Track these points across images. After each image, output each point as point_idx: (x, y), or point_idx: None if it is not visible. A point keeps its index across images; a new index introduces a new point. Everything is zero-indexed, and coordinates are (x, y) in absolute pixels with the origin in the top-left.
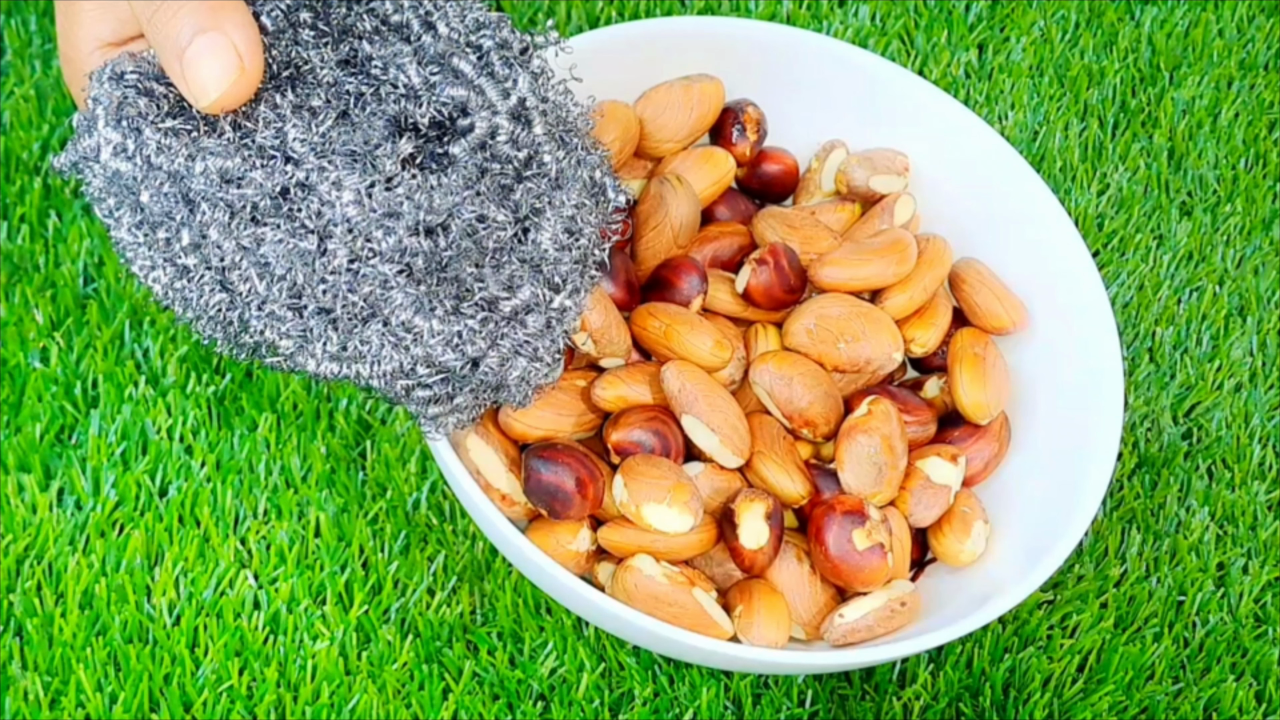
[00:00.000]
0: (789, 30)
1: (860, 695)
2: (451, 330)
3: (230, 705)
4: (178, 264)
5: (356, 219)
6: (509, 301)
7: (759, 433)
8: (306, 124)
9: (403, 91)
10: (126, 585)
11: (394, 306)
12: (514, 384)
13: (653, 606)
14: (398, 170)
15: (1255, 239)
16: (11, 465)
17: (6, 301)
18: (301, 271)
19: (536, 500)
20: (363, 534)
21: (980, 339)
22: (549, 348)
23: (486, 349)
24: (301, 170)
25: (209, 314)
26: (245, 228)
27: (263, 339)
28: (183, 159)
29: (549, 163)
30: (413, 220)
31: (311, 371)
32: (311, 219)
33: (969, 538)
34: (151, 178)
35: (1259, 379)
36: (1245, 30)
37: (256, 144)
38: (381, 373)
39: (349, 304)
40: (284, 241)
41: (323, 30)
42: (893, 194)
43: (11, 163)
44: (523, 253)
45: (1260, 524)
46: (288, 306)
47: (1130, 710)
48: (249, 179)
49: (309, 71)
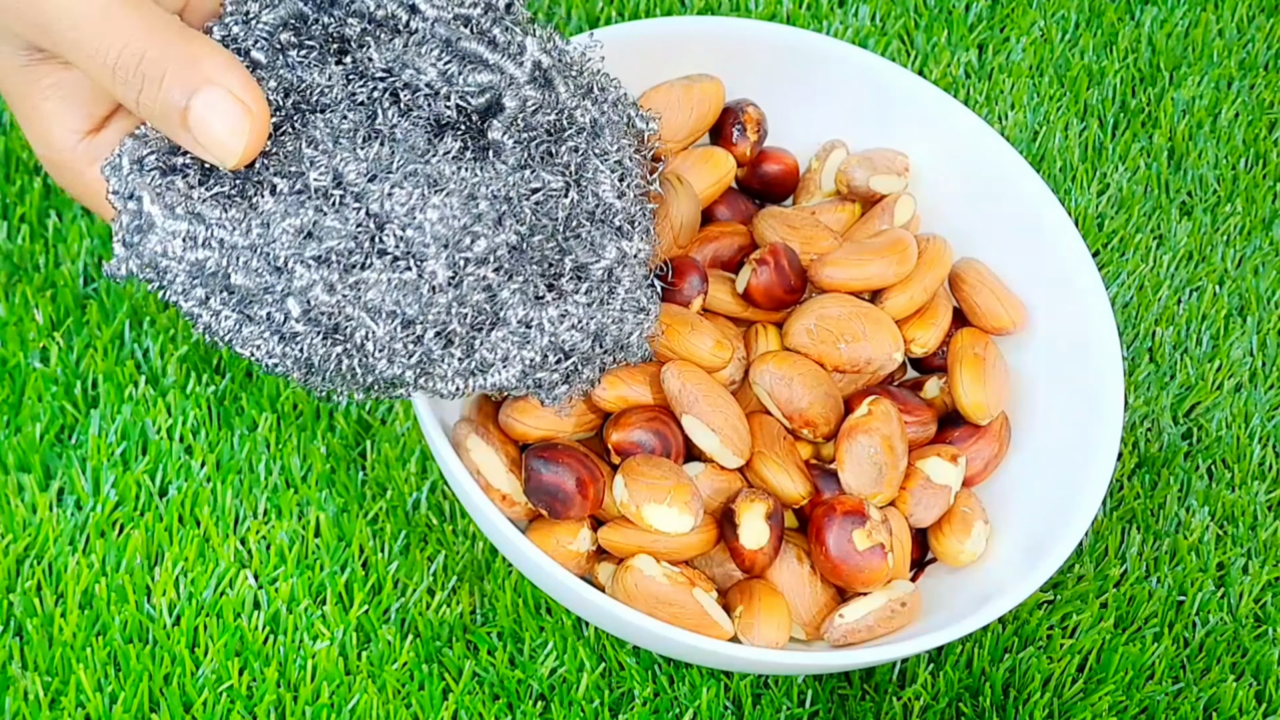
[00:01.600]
0: (789, 30)
1: (860, 695)
2: (567, 312)
3: (230, 705)
4: (285, 334)
5: (446, 234)
6: (599, 264)
7: (759, 433)
8: (350, 151)
9: (425, 90)
10: (126, 585)
11: (507, 306)
12: (635, 343)
13: (653, 607)
14: (455, 171)
15: (1255, 239)
16: (11, 465)
17: (6, 301)
18: (410, 302)
19: (537, 500)
20: (363, 534)
21: (980, 339)
22: (647, 295)
23: (604, 319)
24: (373, 201)
25: (329, 369)
26: (344, 277)
27: (387, 377)
28: (256, 229)
29: (580, 116)
30: (492, 216)
31: (442, 392)
32: (401, 246)
33: (969, 538)
34: (236, 257)
35: (1259, 379)
36: (1245, 30)
37: (315, 185)
38: (514, 375)
39: (462, 317)
40: (385, 279)
41: (309, 46)
42: (893, 194)
43: (11, 163)
44: (588, 211)
45: (1260, 524)
46: (408, 339)
47: (1130, 710)
48: (327, 228)
49: (317, 93)
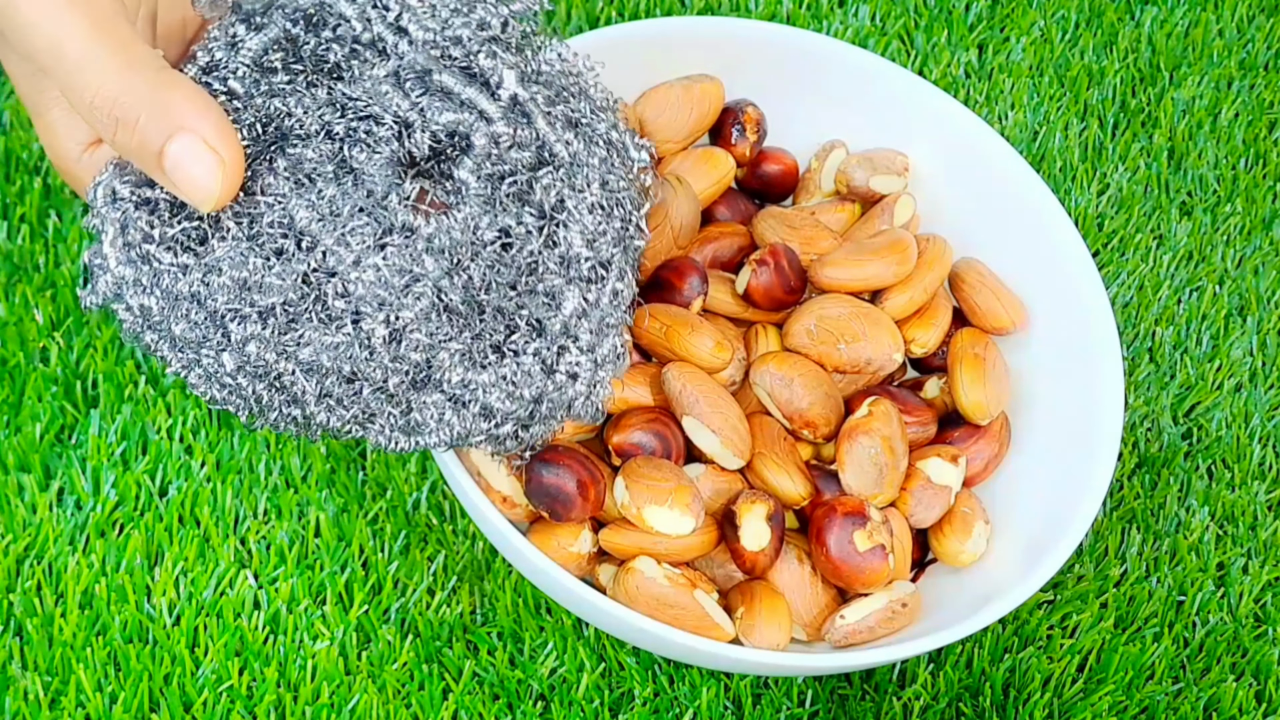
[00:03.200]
0: (789, 30)
1: (860, 695)
2: (505, 375)
3: (230, 705)
4: (227, 385)
5: (384, 294)
6: (556, 317)
7: (760, 434)
8: (310, 193)
9: (392, 124)
10: (126, 585)
11: (444, 369)
12: (580, 405)
13: (654, 608)
14: (408, 218)
15: (1255, 239)
16: (11, 465)
17: (6, 301)
18: (346, 360)
19: (538, 502)
20: (363, 534)
21: (980, 339)
22: (608, 348)
23: (544, 384)
24: (317, 252)
25: (272, 414)
26: (280, 334)
27: (329, 427)
28: (199, 279)
29: (560, 151)
30: (437, 272)
31: (383, 447)
32: (339, 302)
33: (970, 538)
34: (177, 308)
35: (1259, 379)
36: (1245, 30)
37: (264, 234)
38: (446, 439)
39: (401, 375)
40: (319, 337)
41: (296, 71)
42: (893, 194)
43: (11, 163)
44: (557, 255)
45: (1260, 524)
46: (346, 395)
47: (1130, 710)
48: (267, 283)
49: (295, 124)
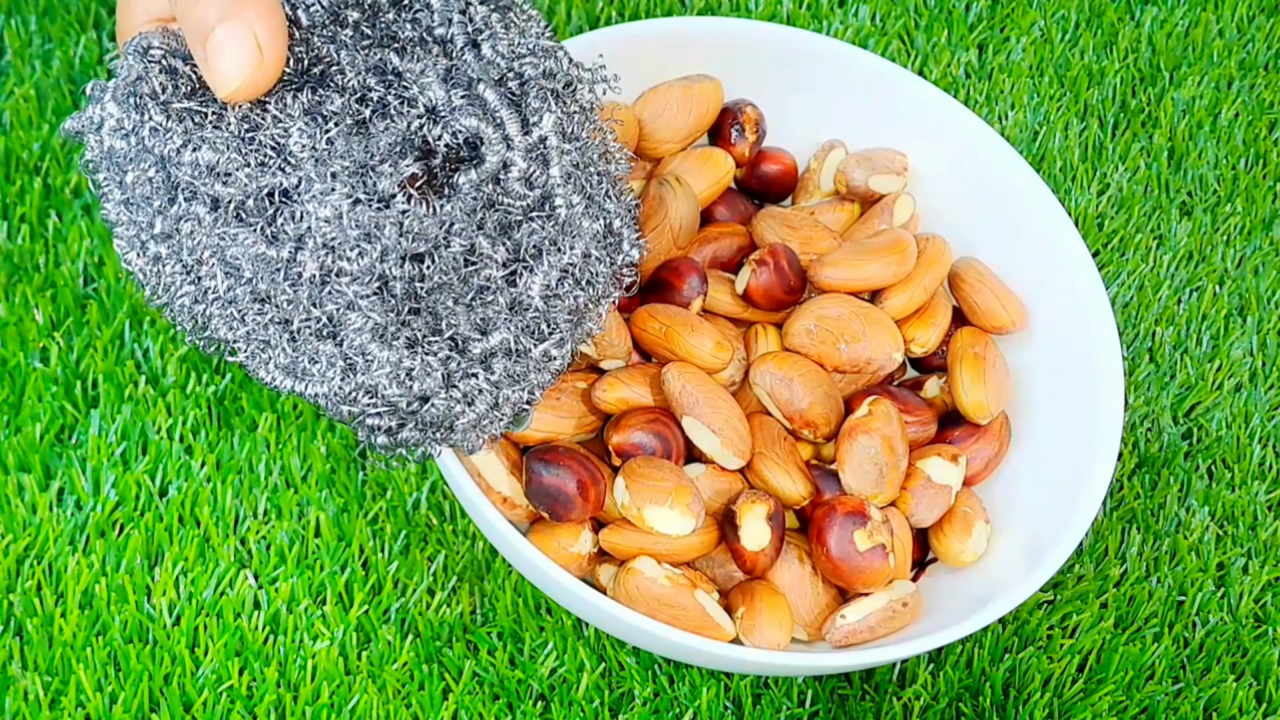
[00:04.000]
0: (789, 30)
1: (860, 695)
2: (404, 363)
3: (230, 705)
4: (149, 252)
5: (331, 234)
6: (480, 344)
7: (760, 434)
8: (315, 128)
9: (421, 111)
10: (126, 585)
11: (351, 328)
12: (462, 429)
13: (655, 609)
14: (394, 190)
15: (1255, 239)
16: (11, 465)
17: (6, 301)
18: (268, 278)
19: (538, 503)
20: (363, 534)
21: (980, 338)
22: (515, 398)
23: (438, 389)
24: (294, 175)
25: (176, 303)
26: (221, 225)
27: (219, 336)
28: (176, 145)
29: (560, 206)
30: (392, 243)
31: (263, 380)
32: (290, 226)
33: (970, 538)
34: (141, 159)
35: (1259, 379)
36: (1245, 30)
37: (258, 140)
38: (324, 393)
39: (310, 318)
40: (255, 245)
41: (365, 33)
42: (892, 194)
43: (11, 163)
44: (511, 295)
45: (1260, 524)
46: (250, 311)
47: (1130, 710)
48: (235, 177)
49: (337, 73)
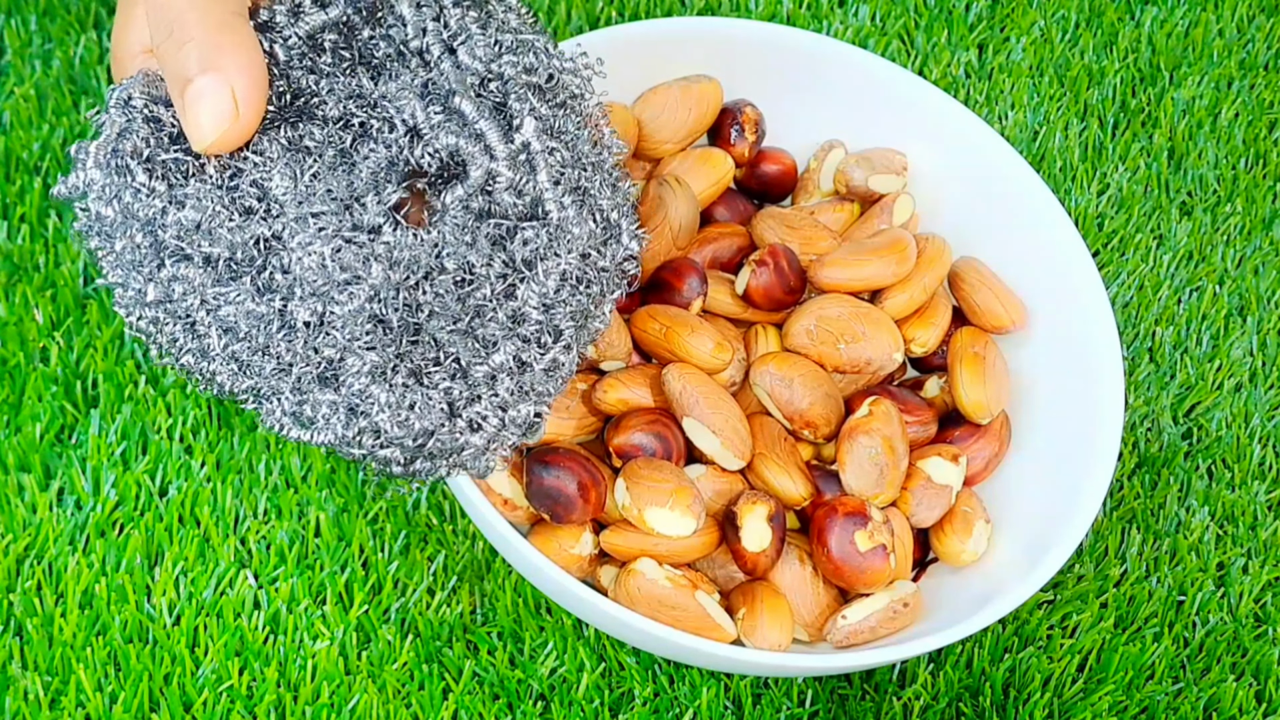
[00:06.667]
0: (789, 30)
1: (860, 695)
2: (405, 401)
3: (230, 705)
4: (148, 314)
5: (318, 283)
6: (482, 366)
7: (760, 434)
8: (296, 168)
9: (403, 132)
10: (126, 585)
11: (350, 372)
12: (470, 455)
13: (656, 610)
14: (379, 221)
15: (1255, 239)
16: (11, 465)
17: (6, 301)
18: (264, 332)
19: (538, 504)
20: (363, 534)
21: (980, 338)
22: (523, 414)
23: (441, 421)
24: (277, 223)
25: (180, 361)
26: (212, 285)
27: (225, 387)
28: (159, 207)
29: (552, 211)
30: (381, 281)
31: (275, 430)
32: (278, 276)
33: (971, 537)
34: (127, 225)
35: (1259, 379)
36: (1245, 30)
37: (240, 187)
38: (332, 440)
39: (310, 364)
40: (246, 302)
41: (342, 55)
42: (891, 193)
43: (11, 163)
44: (510, 308)
45: (1260, 524)
46: (252, 364)
47: (1130, 710)
48: (218, 234)
49: (319, 104)
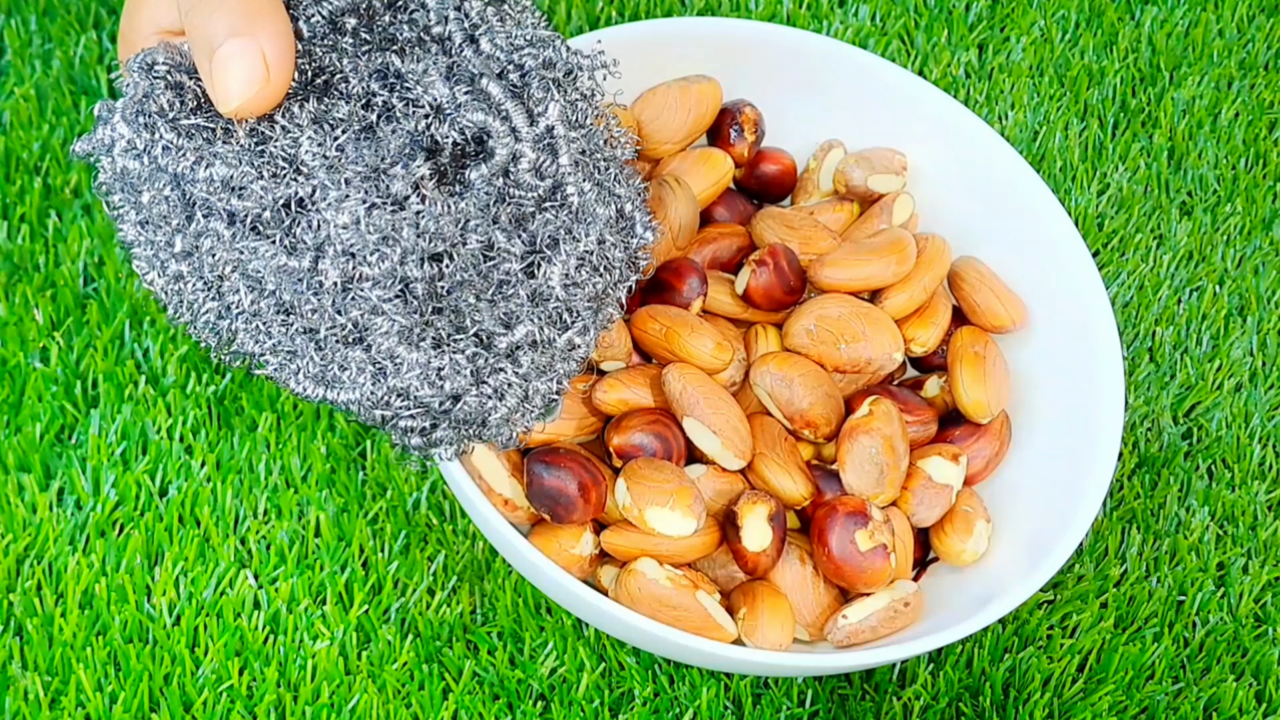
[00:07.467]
0: (789, 30)
1: (860, 695)
2: (433, 363)
3: (230, 705)
4: (170, 270)
5: (350, 241)
6: (505, 338)
7: (760, 434)
8: (324, 136)
9: (426, 110)
10: (126, 585)
11: (378, 333)
12: (495, 424)
13: (656, 610)
14: (408, 192)
15: (1255, 239)
16: (11, 465)
17: (6, 301)
18: (291, 289)
19: (539, 505)
20: (363, 534)
21: (980, 338)
22: (544, 389)
23: (469, 386)
24: (308, 184)
25: (200, 320)
26: (241, 239)
27: (245, 350)
28: (189, 162)
29: (572, 195)
30: (411, 245)
31: (294, 390)
32: (308, 235)
33: (971, 537)
34: (155, 179)
35: (1259, 379)
36: (1245, 30)
37: (269, 152)
38: (356, 399)
39: (336, 326)
40: (276, 257)
41: (364, 39)
42: (891, 193)
43: (11, 163)
44: (531, 286)
45: (1260, 524)
46: (275, 323)
47: (1130, 710)
48: (250, 190)
49: (341, 81)
